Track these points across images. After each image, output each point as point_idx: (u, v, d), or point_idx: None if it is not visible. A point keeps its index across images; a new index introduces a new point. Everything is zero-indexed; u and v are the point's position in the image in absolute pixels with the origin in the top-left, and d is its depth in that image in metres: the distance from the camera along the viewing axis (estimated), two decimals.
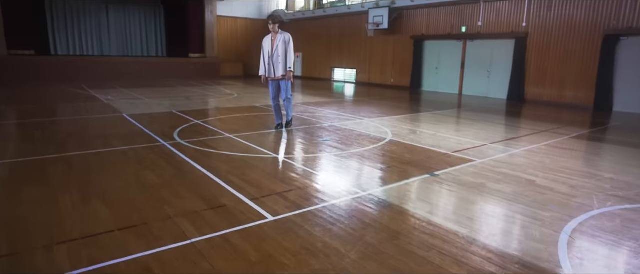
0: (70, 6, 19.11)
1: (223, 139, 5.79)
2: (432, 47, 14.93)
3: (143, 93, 11.90)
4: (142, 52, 21.38)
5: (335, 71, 19.58)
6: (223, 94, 12.23)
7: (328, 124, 7.24)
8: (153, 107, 8.96)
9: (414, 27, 15.35)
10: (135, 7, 20.77)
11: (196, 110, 8.70)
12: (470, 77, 13.74)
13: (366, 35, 17.13)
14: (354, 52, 18.22)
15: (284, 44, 6.24)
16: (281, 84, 6.35)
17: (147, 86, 14.24)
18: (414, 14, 15.26)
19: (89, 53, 19.84)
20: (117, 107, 8.83)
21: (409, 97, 13.17)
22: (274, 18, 6.22)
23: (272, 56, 6.26)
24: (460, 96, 13.69)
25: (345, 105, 10.35)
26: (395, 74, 16.30)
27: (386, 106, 10.39)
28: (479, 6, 13.04)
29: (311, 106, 9.90)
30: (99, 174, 4.05)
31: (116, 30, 20.55)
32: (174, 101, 10.32)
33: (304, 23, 20.78)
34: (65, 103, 9.49)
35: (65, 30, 19.12)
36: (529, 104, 11.68)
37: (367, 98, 12.30)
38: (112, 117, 7.56)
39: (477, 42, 13.43)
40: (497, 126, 7.77)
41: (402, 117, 8.38)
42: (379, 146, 5.62)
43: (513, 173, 4.38)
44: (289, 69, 6.24)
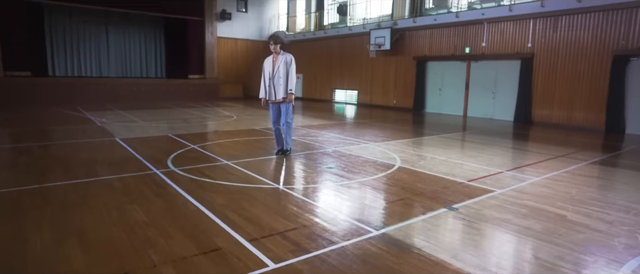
0: (70, 27, 18.99)
1: (220, 167, 5.38)
2: (435, 68, 14.70)
3: (140, 115, 11.56)
4: (141, 74, 21.17)
5: (336, 92, 19.33)
6: (222, 116, 11.89)
7: (332, 149, 6.85)
8: (149, 131, 8.58)
9: (416, 48, 15.16)
10: (135, 28, 20.69)
11: (193, 133, 8.33)
12: (475, 99, 13.45)
13: (368, 56, 16.95)
14: (355, 73, 18.01)
15: (286, 65, 5.92)
16: (281, 107, 6.00)
17: (144, 108, 13.92)
18: (416, 34, 15.10)
19: (88, 74, 19.62)
20: (110, 131, 8.46)
21: (413, 119, 12.83)
22: (275, 38, 5.92)
23: (273, 78, 5.93)
24: (465, 117, 13.36)
25: (348, 127, 9.99)
26: (398, 95, 16.03)
27: (390, 128, 10.03)
28: (483, 27, 12.86)
29: (313, 128, 9.54)
30: (78, 208, 3.63)
31: (116, 52, 20.40)
32: (171, 123, 9.96)
33: (305, 44, 20.67)
34: (57, 126, 9.12)
35: (64, 51, 18.95)
36: (537, 126, 11.33)
37: (370, 120, 11.95)
38: (104, 142, 7.17)
39: (481, 63, 13.19)
40: (510, 150, 7.38)
41: (408, 141, 8.00)
42: (388, 173, 5.21)
43: (539, 206, 3.96)
44: (289, 91, 5.90)
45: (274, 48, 5.91)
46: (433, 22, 14.08)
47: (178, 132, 8.44)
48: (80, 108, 13.33)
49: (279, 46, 5.94)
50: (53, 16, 18.38)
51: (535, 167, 5.77)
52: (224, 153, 6.33)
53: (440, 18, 13.82)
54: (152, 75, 21.39)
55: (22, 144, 6.81)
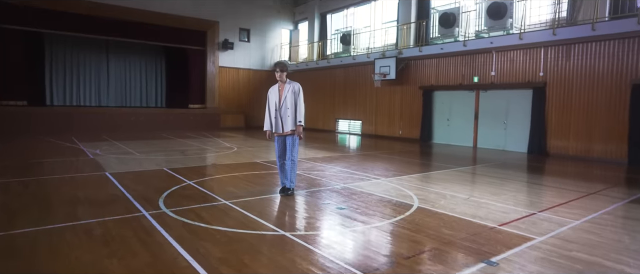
0: (70, 55, 18.82)
1: (217, 207, 4.79)
2: (443, 98, 14.29)
3: (136, 146, 11.03)
4: (141, 103, 20.86)
5: (340, 123, 18.89)
6: (222, 148, 11.36)
7: (341, 186, 6.26)
8: (143, 164, 8.02)
9: (422, 78, 14.81)
10: (136, 57, 20.54)
11: (190, 167, 7.76)
12: (485, 129, 12.94)
13: (372, 86, 16.60)
14: (359, 103, 17.63)
15: (293, 94, 5.44)
16: (287, 140, 5.46)
17: (142, 138, 13.42)
18: (422, 64, 14.79)
19: (86, 103, 19.29)
20: (102, 163, 7.90)
21: (421, 150, 12.28)
22: (281, 65, 5.47)
23: (279, 108, 5.43)
24: (475, 149, 12.81)
25: (355, 160, 9.42)
26: (404, 125, 15.56)
27: (399, 161, 9.46)
28: (491, 55, 12.53)
29: (318, 162, 8.97)
30: (46, 262, 3.03)
31: (116, 81, 20.16)
32: (167, 155, 9.41)
33: (308, 74, 20.43)
34: (46, 158, 8.57)
35: (63, 80, 18.69)
36: (553, 158, 10.76)
37: (376, 152, 11.40)
38: (92, 177, 6.60)
39: (490, 92, 12.78)
40: (534, 186, 6.79)
41: (421, 176, 7.41)
42: (407, 216, 4.61)
43: (593, 259, 3.35)
44: (299, 123, 5.40)
45: (279, 76, 5.45)
46: (439, 51, 13.79)
47: (174, 165, 7.87)
48: (75, 139, 12.83)
49: (285, 74, 5.48)
50: (53, 45, 18.23)
51: (569, 208, 5.16)
52: (222, 190, 5.75)
53: (447, 47, 13.54)
54: (152, 104, 21.07)
55: (1, 180, 6.24)
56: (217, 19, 19.72)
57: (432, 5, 15.02)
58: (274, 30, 21.93)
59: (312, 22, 20.82)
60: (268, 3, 21.32)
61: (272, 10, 21.69)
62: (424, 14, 15.16)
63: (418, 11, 15.41)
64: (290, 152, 5.45)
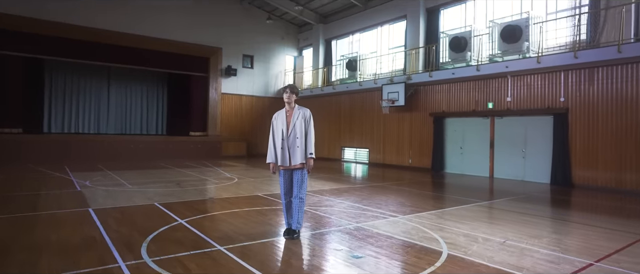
0: (71, 82, 18.45)
1: (210, 255, 4.01)
2: (455, 125, 13.58)
3: (130, 177, 10.31)
4: (141, 131, 20.31)
5: (346, 151, 18.16)
6: (222, 179, 10.61)
7: (354, 225, 5.47)
8: (133, 197, 7.27)
9: (433, 104, 14.17)
10: (138, 83, 20.16)
11: (185, 201, 7.00)
12: (502, 158, 12.15)
13: (379, 113, 15.97)
14: (366, 130, 16.95)
15: (304, 121, 4.77)
16: (295, 175, 4.72)
17: (139, 168, 12.72)
18: (433, 89, 14.18)
19: (85, 131, 18.75)
20: (88, 198, 7.16)
21: (434, 181, 11.47)
22: (292, 87, 4.82)
23: (287, 137, 4.72)
24: (491, 179, 11.99)
25: (365, 193, 8.63)
26: (414, 154, 14.79)
27: (413, 194, 8.66)
28: (507, 80, 11.91)
29: (325, 194, 8.19)
30: None
31: (116, 107, 19.71)
32: (162, 187, 8.66)
33: (312, 101, 19.87)
34: (27, 192, 7.84)
35: (62, 107, 18.24)
36: (581, 190, 9.91)
37: (386, 183, 10.61)
38: (73, 214, 5.84)
39: (507, 119, 12.08)
40: (575, 226, 5.95)
41: (442, 212, 6.60)
42: (438, 269, 3.79)
43: None
44: (309, 155, 4.68)
45: (288, 98, 4.77)
46: (451, 76, 13.20)
47: (167, 200, 7.12)
48: (68, 168, 12.14)
49: (294, 97, 4.81)
50: (54, 71, 17.89)
51: (630, 255, 4.33)
52: (217, 232, 4.97)
53: (458, 72, 12.95)
54: (152, 132, 20.52)
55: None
56: (220, 45, 19.40)
57: (441, 29, 14.56)
58: (278, 57, 21.58)
59: (316, 48, 20.47)
60: (272, 29, 21.07)
61: (276, 36, 21.41)
62: (433, 38, 14.69)
63: (426, 36, 14.95)
64: (298, 189, 4.70)
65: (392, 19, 16.58)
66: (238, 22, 19.93)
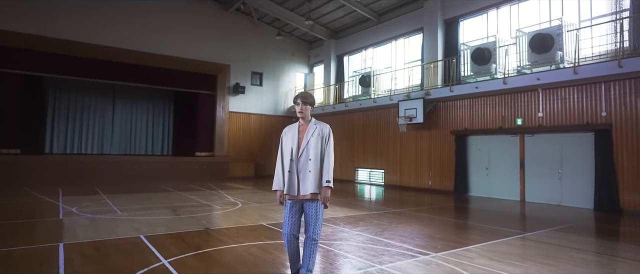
0: (75, 100, 17.86)
1: None
2: (479, 144, 12.45)
3: (124, 202, 9.39)
4: (146, 151, 19.55)
5: (359, 172, 17.06)
6: (224, 204, 9.61)
7: (377, 268, 4.39)
8: (118, 228, 6.31)
9: (454, 121, 13.09)
10: (143, 102, 19.52)
11: (175, 233, 6.00)
12: (534, 180, 10.94)
13: (395, 131, 14.94)
14: (381, 150, 15.88)
15: (321, 139, 3.73)
16: (308, 208, 3.67)
17: (138, 191, 11.84)
18: (453, 105, 13.13)
19: (87, 151, 18.05)
20: (66, 229, 6.22)
21: (459, 205, 10.30)
22: (305, 96, 3.79)
23: (297, 158, 3.70)
24: (523, 203, 10.76)
25: (385, 221, 7.52)
26: (434, 175, 13.63)
27: (440, 222, 7.52)
28: (537, 94, 10.81)
29: (340, 224, 7.12)
30: None
31: (121, 127, 19.03)
32: (154, 215, 7.70)
33: (324, 119, 18.89)
34: (1, 221, 6.95)
35: (64, 127, 17.60)
36: (631, 217, 8.64)
37: (406, 208, 9.48)
38: (38, 250, 4.89)
39: (539, 136, 10.93)
40: None
41: (481, 247, 5.46)
42: None
43: None
44: (326, 184, 3.64)
45: (301, 110, 3.75)
46: (474, 90, 12.15)
47: (156, 231, 6.13)
48: (62, 191, 11.30)
49: (309, 108, 3.80)
50: (56, 90, 17.35)
51: None
52: None
53: (482, 86, 11.91)
54: (157, 152, 19.74)
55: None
56: (228, 62, 18.75)
57: (462, 41, 13.61)
58: (288, 74, 20.85)
59: (328, 64, 19.69)
60: (282, 45, 20.41)
61: (286, 52, 20.74)
62: (452, 51, 13.74)
63: (445, 48, 14.01)
64: (312, 227, 3.65)
65: (408, 32, 15.72)
66: (247, 39, 19.32)
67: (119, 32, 15.89)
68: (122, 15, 16.01)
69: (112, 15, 15.81)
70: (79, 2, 15.17)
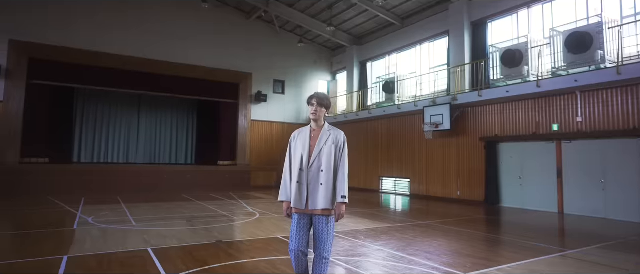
0: (102, 111, 18.27)
1: None
2: (511, 151, 11.69)
3: (141, 212, 9.27)
4: (170, 160, 19.72)
5: (384, 181, 16.48)
6: (242, 214, 9.33)
7: None
8: (127, 240, 6.09)
9: (484, 127, 12.38)
10: (168, 111, 19.78)
11: (185, 246, 5.72)
12: (573, 190, 10.10)
13: (421, 139, 14.32)
14: (406, 158, 15.27)
15: (335, 147, 3.34)
16: (318, 222, 3.26)
17: (158, 200, 11.76)
18: (483, 111, 12.44)
19: (114, 160, 18.37)
20: (76, 240, 6.06)
21: (491, 218, 9.60)
22: (320, 98, 3.39)
23: (307, 168, 3.31)
24: (562, 216, 9.93)
25: (409, 234, 7.00)
26: (463, 185, 12.91)
27: (470, 237, 6.92)
28: (575, 97, 10.02)
29: (360, 237, 6.66)
30: None
31: (146, 136, 19.33)
32: (168, 226, 7.48)
33: (347, 127, 18.50)
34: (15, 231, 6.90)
35: (92, 136, 18.01)
36: None
37: (433, 220, 8.88)
38: (40, 263, 4.69)
39: (577, 143, 10.10)
40: None
41: (519, 268, 4.87)
42: None
43: None
44: (341, 199, 3.23)
45: (315, 112, 3.36)
46: (504, 94, 11.44)
47: (165, 243, 5.87)
48: (84, 200, 11.36)
49: (324, 112, 3.41)
50: (85, 100, 17.79)
51: None
52: None
53: (513, 89, 11.19)
54: (181, 161, 19.89)
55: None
56: (251, 71, 18.68)
57: (490, 42, 12.93)
58: (310, 82, 20.59)
59: (350, 71, 19.31)
60: (304, 53, 20.21)
61: (309, 60, 20.52)
62: (480, 53, 13.08)
63: (473, 51, 13.36)
64: (323, 244, 3.23)
65: (433, 36, 15.15)
66: (269, 47, 19.24)
67: (144, 42, 16.11)
68: (147, 26, 16.25)
69: (138, 27, 16.06)
70: (106, 15, 15.49)
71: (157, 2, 16.53)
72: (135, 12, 16.09)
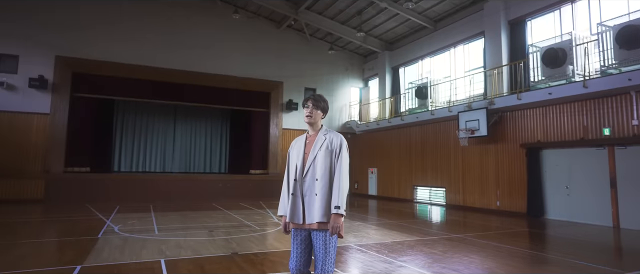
0: (140, 121, 18.93)
1: None
2: (556, 158, 10.76)
3: (167, 221, 9.31)
4: (204, 168, 20.06)
5: (418, 190, 15.79)
6: (266, 224, 9.14)
7: None
8: (144, 250, 6.02)
9: (524, 132, 11.52)
10: (202, 121, 20.19)
11: (198, 258, 5.56)
12: (631, 202, 9.07)
13: (456, 145, 13.58)
14: (441, 166, 14.54)
15: (330, 152, 3.00)
16: (315, 239, 2.94)
17: (187, 209, 11.85)
18: (523, 115, 11.58)
19: (152, 169, 18.94)
20: (95, 249, 6.07)
21: (534, 231, 8.79)
22: (315, 99, 3.10)
23: (302, 177, 3.00)
24: (617, 230, 8.93)
25: (439, 249, 6.46)
26: (503, 195, 12.05)
27: (510, 254, 6.28)
28: (630, 98, 9.04)
29: (384, 251, 6.22)
30: None
31: (181, 146, 19.81)
32: (188, 235, 7.39)
33: (379, 134, 18.07)
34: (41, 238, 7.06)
35: (131, 146, 18.68)
36: None
37: (468, 233, 8.24)
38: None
39: (634, 149, 9.09)
40: None
41: None
42: None
43: None
44: (335, 210, 2.87)
45: (310, 114, 3.09)
46: (547, 97, 10.55)
47: (179, 254, 5.74)
48: (117, 208, 11.65)
49: (320, 115, 3.12)
50: (124, 111, 18.51)
51: None
52: None
53: (557, 91, 10.30)
54: (215, 170, 20.18)
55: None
56: (282, 79, 18.68)
57: (529, 42, 12.08)
58: (342, 89, 20.30)
59: (382, 77, 18.83)
60: (335, 60, 19.98)
61: (340, 67, 20.26)
62: (519, 54, 12.24)
63: (511, 52, 12.55)
64: (321, 263, 2.88)
65: (467, 38, 14.43)
66: (299, 55, 19.20)
67: (178, 55, 16.53)
68: (181, 39, 16.68)
69: (173, 40, 16.52)
70: (143, 31, 16.07)
71: (190, 17, 16.96)
72: (170, 27, 16.57)
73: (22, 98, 14.32)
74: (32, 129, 14.34)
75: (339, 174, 2.96)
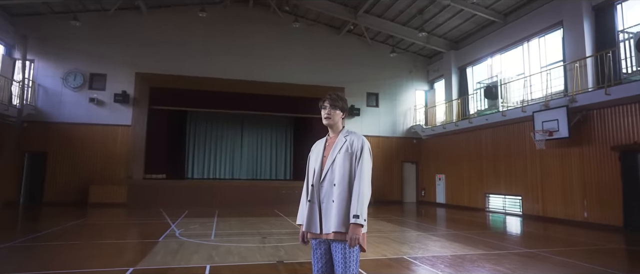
0: (210, 131, 20.02)
1: None
2: None
3: (226, 226, 9.58)
4: (270, 175, 20.57)
5: (490, 198, 14.54)
6: None
7: None
8: (194, 255, 6.17)
9: (615, 133, 10.00)
10: (267, 129, 20.76)
11: (243, 265, 5.53)
12: None
13: (532, 149, 12.25)
14: (516, 172, 13.23)
15: (350, 155, 2.72)
16: (335, 251, 2.66)
17: (248, 215, 12.15)
18: (613, 113, 10.08)
19: (221, 176, 19.88)
20: (152, 252, 6.35)
21: (632, 249, 7.51)
22: (333, 98, 2.82)
23: (320, 182, 2.75)
24: None
25: (505, 265, 5.74)
26: (591, 205, 10.55)
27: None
28: None
29: (439, 264, 5.69)
30: None
31: (248, 153, 20.54)
32: (241, 242, 7.48)
33: (446, 138, 17.05)
34: (107, 239, 7.59)
35: (202, 154, 19.78)
36: None
37: (546, 248, 7.27)
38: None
39: None
40: None
41: None
42: None
43: None
44: (353, 220, 2.56)
45: (328, 115, 2.82)
46: None
47: (226, 260, 5.78)
48: (186, 213, 12.32)
49: (339, 115, 2.86)
50: (196, 121, 19.70)
51: None
52: None
53: None
54: (280, 176, 20.60)
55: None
56: (343, 85, 18.51)
57: (619, 28, 10.52)
58: (406, 92, 19.58)
59: (448, 78, 17.80)
60: (398, 63, 19.35)
61: (403, 70, 19.57)
62: (606, 43, 10.71)
63: (596, 41, 11.04)
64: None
65: (542, 29, 13.03)
66: (360, 60, 18.93)
67: (244, 65, 17.26)
68: (246, 51, 17.41)
69: (238, 52, 17.31)
70: (211, 45, 17.07)
71: (253, 28, 17.63)
72: (234, 40, 17.39)
73: (109, 112, 15.95)
74: (117, 139, 15.88)
75: (359, 179, 2.66)
